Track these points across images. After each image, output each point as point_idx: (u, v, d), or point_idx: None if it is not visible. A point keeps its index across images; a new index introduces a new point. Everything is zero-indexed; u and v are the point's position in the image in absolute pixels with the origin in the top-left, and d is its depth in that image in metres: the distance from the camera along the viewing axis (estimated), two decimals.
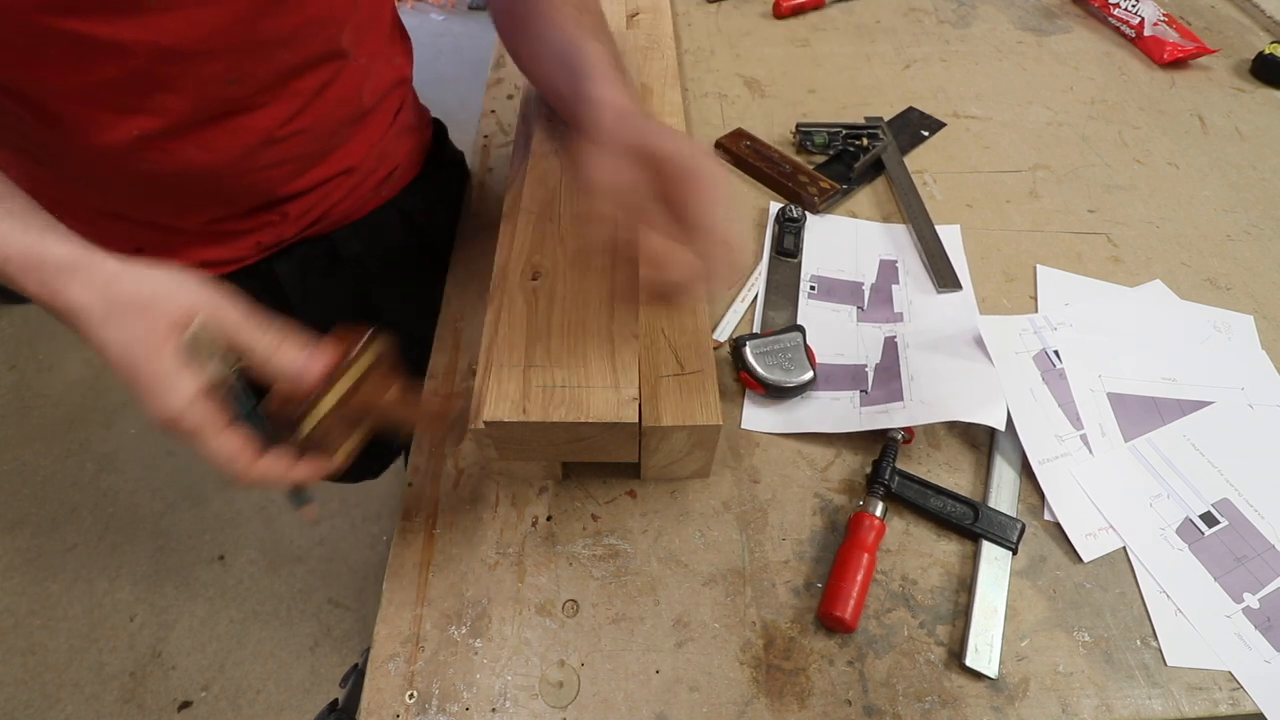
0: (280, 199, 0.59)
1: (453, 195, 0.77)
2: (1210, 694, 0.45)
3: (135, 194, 0.54)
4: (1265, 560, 0.50)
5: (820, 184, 0.73)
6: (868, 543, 0.48)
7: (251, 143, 0.53)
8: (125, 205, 0.56)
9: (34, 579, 1.38)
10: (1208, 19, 1.02)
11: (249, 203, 0.58)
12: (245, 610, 1.36)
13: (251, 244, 0.61)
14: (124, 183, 0.53)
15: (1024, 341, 0.61)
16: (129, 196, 0.55)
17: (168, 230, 0.57)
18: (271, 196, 0.58)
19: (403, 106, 0.68)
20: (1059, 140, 0.82)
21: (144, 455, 1.57)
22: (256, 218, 0.59)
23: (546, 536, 0.51)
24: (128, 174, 0.51)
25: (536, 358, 0.46)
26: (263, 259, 0.63)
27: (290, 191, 0.59)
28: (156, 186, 0.53)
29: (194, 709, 1.24)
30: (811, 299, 0.65)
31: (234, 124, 0.51)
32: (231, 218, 0.58)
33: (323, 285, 0.68)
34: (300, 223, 0.62)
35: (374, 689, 0.44)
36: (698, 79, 0.89)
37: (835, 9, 1.02)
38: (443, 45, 2.65)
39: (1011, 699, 0.44)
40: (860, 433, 0.55)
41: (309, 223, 0.63)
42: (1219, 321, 0.64)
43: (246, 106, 0.51)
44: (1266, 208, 0.75)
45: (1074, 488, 0.53)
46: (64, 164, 0.52)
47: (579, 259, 0.53)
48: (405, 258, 0.73)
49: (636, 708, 0.44)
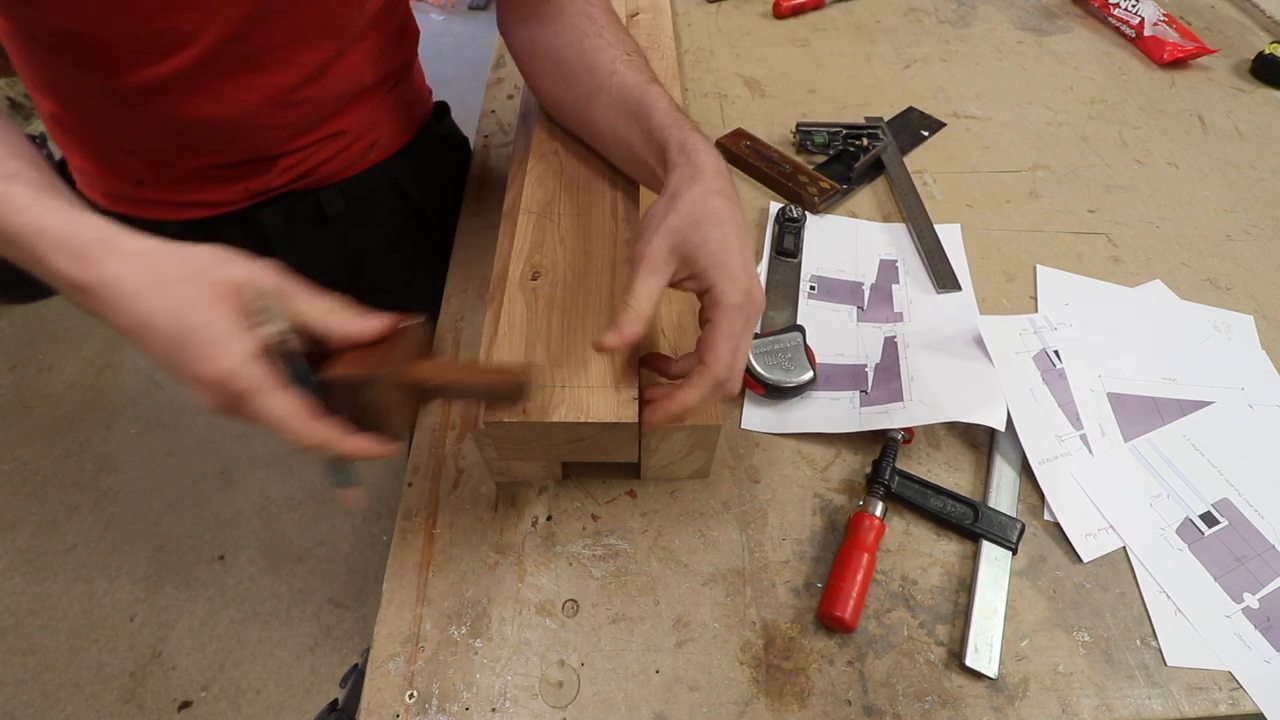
0: (273, 155, 0.63)
1: (450, 172, 0.79)
2: (1210, 694, 0.45)
3: (147, 134, 0.59)
4: (1265, 560, 0.50)
5: (820, 184, 0.73)
6: (868, 543, 0.48)
7: (256, 101, 0.56)
8: (136, 143, 0.60)
9: (34, 579, 1.38)
10: (1208, 19, 1.02)
11: (245, 155, 0.62)
12: (245, 610, 1.36)
13: (240, 190, 0.64)
14: (138, 124, 0.57)
15: (1024, 341, 0.61)
16: (141, 136, 0.59)
17: (168, 169, 0.62)
18: (266, 153, 0.63)
19: (400, 82, 0.72)
20: (1059, 140, 0.82)
21: (144, 455, 1.57)
22: (248, 167, 0.63)
23: (546, 536, 0.51)
24: (143, 116, 0.56)
25: (537, 358, 0.46)
26: (249, 206, 0.66)
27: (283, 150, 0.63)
28: (166, 130, 0.57)
29: (194, 709, 1.24)
30: (811, 299, 0.65)
31: (244, 81, 0.54)
32: (227, 165, 0.62)
33: (308, 239, 0.70)
34: (287, 175, 0.65)
35: (374, 689, 0.44)
36: (698, 79, 0.89)
37: (835, 9, 1.02)
38: (443, 45, 2.65)
39: (1011, 699, 0.44)
40: (860, 433, 0.55)
41: (295, 176, 0.66)
42: (1219, 321, 0.64)
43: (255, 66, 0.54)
44: (1266, 208, 0.75)
45: (1074, 488, 0.53)
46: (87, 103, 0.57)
47: (579, 259, 0.53)
48: (392, 223, 0.76)
49: (636, 708, 0.44)
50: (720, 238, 0.41)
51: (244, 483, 1.53)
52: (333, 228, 0.71)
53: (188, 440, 1.59)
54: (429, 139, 0.78)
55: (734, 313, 0.40)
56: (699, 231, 0.42)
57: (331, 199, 0.69)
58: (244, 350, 0.35)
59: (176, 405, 1.65)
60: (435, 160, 0.78)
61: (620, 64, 0.55)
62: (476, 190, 0.75)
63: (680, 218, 0.42)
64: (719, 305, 0.41)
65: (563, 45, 0.59)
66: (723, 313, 0.41)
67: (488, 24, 2.78)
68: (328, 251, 0.72)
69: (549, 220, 0.56)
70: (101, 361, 1.73)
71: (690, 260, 0.42)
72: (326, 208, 0.70)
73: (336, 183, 0.69)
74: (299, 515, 1.48)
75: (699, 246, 0.41)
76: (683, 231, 0.42)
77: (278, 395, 0.36)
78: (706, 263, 0.41)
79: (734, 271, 0.41)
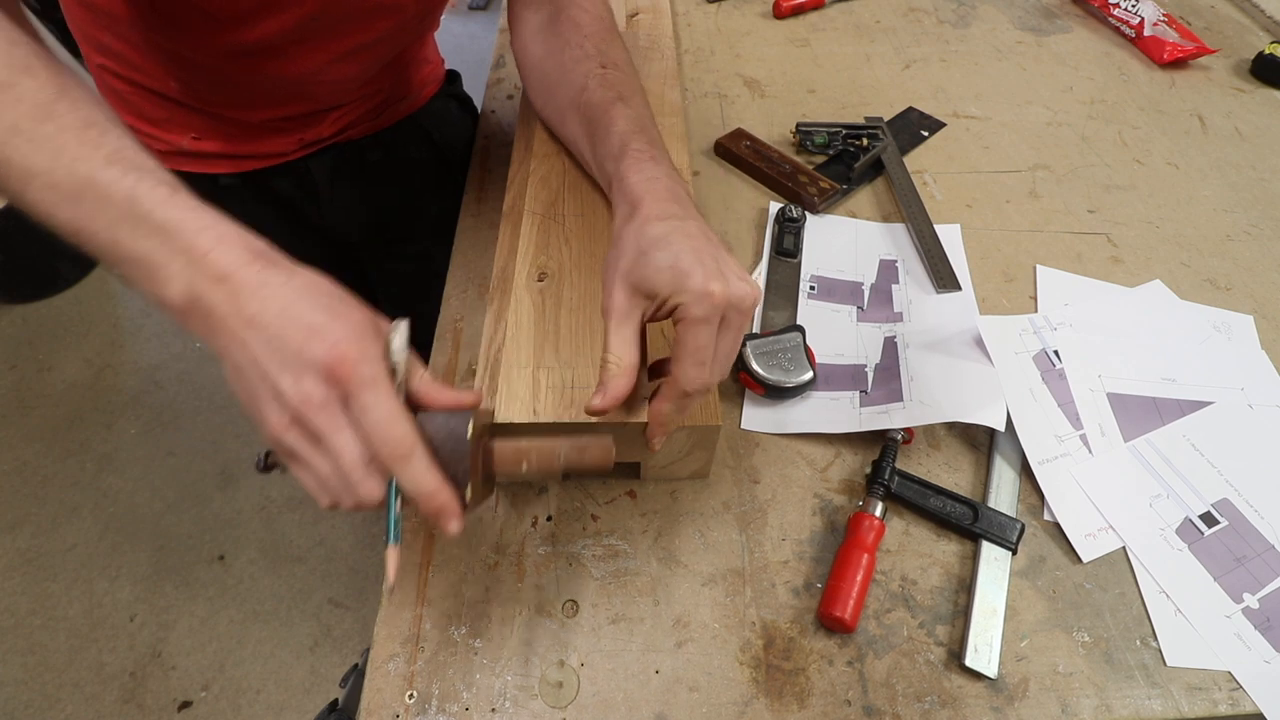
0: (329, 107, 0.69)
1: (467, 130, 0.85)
2: (1210, 694, 0.45)
3: (218, 91, 0.62)
4: (1265, 560, 0.50)
5: (820, 184, 0.73)
6: (867, 543, 0.48)
7: (327, 59, 0.59)
8: (203, 99, 0.63)
9: (34, 579, 1.38)
10: (1208, 19, 1.02)
11: (308, 107, 0.67)
12: (245, 610, 1.36)
13: (295, 140, 0.69)
14: (219, 81, 0.61)
15: (1024, 341, 0.61)
16: (211, 92, 0.62)
17: (231, 122, 0.65)
18: (324, 105, 0.68)
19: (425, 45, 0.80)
20: (1059, 140, 0.82)
21: (144, 455, 1.57)
22: (305, 119, 0.68)
23: (546, 536, 0.51)
24: (230, 74, 0.59)
25: (546, 359, 0.46)
26: (301, 157, 0.71)
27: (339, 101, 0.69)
28: (240, 88, 0.62)
29: (194, 709, 1.24)
30: (811, 299, 0.65)
31: (323, 45, 0.58)
32: (288, 119, 0.67)
33: (350, 190, 0.76)
34: (335, 125, 0.70)
35: (374, 689, 0.44)
36: (697, 79, 0.89)
37: (835, 9, 1.02)
38: (443, 45, 2.63)
39: (1011, 699, 0.44)
40: (860, 433, 0.55)
41: (341, 127, 0.71)
42: (1219, 321, 0.64)
43: (338, 33, 0.57)
44: (1266, 208, 0.75)
45: (1073, 488, 0.53)
46: (155, 62, 0.60)
47: (585, 259, 0.53)
48: (421, 175, 0.82)
49: (636, 708, 0.44)
50: (669, 259, 0.40)
51: (244, 483, 1.53)
52: (370, 178, 0.77)
53: (188, 440, 1.59)
54: (448, 95, 0.84)
55: (697, 326, 0.39)
56: (647, 263, 0.41)
57: (371, 149, 0.75)
58: (374, 350, 0.34)
59: (177, 405, 1.65)
60: (454, 120, 0.85)
61: (592, 79, 0.55)
62: (476, 190, 0.75)
63: (627, 260, 0.42)
64: (681, 322, 0.40)
65: (545, 53, 0.60)
66: (685, 328, 0.40)
67: (488, 24, 2.77)
68: (365, 201, 0.78)
69: (553, 221, 0.56)
70: (101, 361, 1.73)
71: (651, 293, 0.41)
72: (368, 155, 0.75)
73: (374, 133, 0.75)
74: (299, 515, 1.48)
75: (651, 278, 0.40)
76: (634, 271, 0.41)
77: (392, 393, 0.34)
78: (665, 288, 0.40)
79: (692, 284, 0.39)
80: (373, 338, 0.35)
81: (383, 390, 0.33)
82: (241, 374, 0.34)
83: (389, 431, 0.33)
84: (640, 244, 0.42)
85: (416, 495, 0.34)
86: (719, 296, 0.39)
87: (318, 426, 0.33)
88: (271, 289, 0.34)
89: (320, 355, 0.33)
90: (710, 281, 0.39)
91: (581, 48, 0.57)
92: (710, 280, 0.39)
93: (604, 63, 0.56)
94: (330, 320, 0.34)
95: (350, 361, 0.33)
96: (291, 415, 0.34)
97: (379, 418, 0.33)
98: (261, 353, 0.33)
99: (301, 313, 0.34)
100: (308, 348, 0.33)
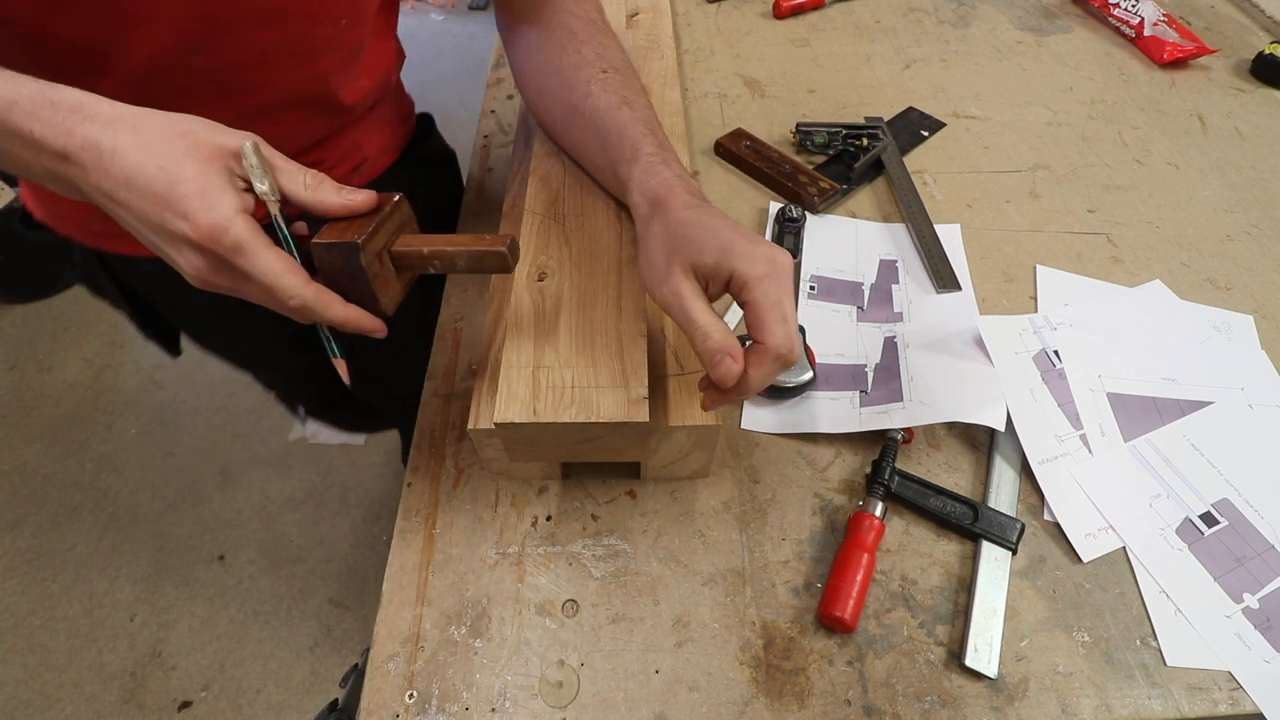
0: None
1: (438, 191, 0.77)
2: (1210, 694, 0.45)
3: None
4: (1265, 560, 0.50)
5: (820, 184, 0.73)
6: (867, 543, 0.48)
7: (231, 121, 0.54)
8: None
9: (34, 579, 1.38)
10: (1208, 19, 1.02)
11: None
12: (245, 610, 1.36)
13: None
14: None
15: (1024, 341, 0.61)
16: None
17: None
18: None
19: (380, 101, 0.68)
20: (1059, 140, 0.82)
21: (144, 455, 1.57)
22: None
23: (546, 536, 0.51)
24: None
25: (545, 358, 0.46)
26: None
27: None
28: None
29: (194, 709, 1.24)
30: (811, 299, 0.65)
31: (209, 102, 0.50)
32: None
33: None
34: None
35: (374, 689, 0.44)
36: (697, 79, 0.89)
37: (835, 9, 1.02)
38: (443, 45, 2.65)
39: (1011, 699, 0.44)
40: (860, 433, 0.55)
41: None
42: (1219, 321, 0.64)
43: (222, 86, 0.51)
44: (1266, 208, 0.75)
45: (1073, 488, 0.53)
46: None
47: (585, 260, 0.53)
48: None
49: (636, 708, 0.44)
50: (709, 233, 0.42)
51: (244, 483, 1.53)
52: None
53: (188, 440, 1.59)
54: (415, 158, 0.75)
55: (765, 283, 0.40)
56: (689, 243, 0.42)
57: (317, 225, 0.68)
58: (235, 204, 0.35)
59: (176, 405, 1.65)
60: (424, 181, 0.75)
61: (595, 84, 0.55)
62: (476, 190, 0.75)
63: (668, 247, 0.43)
64: (747, 283, 0.40)
65: (542, 62, 0.59)
66: (754, 286, 0.40)
67: (488, 24, 2.78)
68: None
69: (553, 221, 0.56)
70: (101, 361, 1.73)
71: (700, 268, 0.42)
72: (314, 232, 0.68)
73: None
74: (299, 515, 1.48)
75: (696, 254, 0.41)
76: (678, 254, 0.42)
77: (270, 251, 0.36)
78: (712, 258, 0.41)
79: (742, 248, 0.40)
80: (222, 184, 0.35)
81: (252, 252, 0.35)
82: (139, 235, 0.37)
83: (275, 286, 0.36)
84: (675, 230, 0.43)
85: (330, 328, 0.37)
86: (780, 257, 0.41)
87: (224, 284, 0.37)
88: (107, 159, 0.34)
89: (183, 233, 0.34)
90: (754, 244, 0.41)
91: (579, 53, 0.57)
92: (754, 243, 0.41)
93: (603, 67, 0.56)
94: (174, 185, 0.34)
95: (210, 236, 0.34)
96: (198, 280, 0.37)
97: (260, 279, 0.36)
98: (135, 224, 0.36)
99: (154, 179, 0.34)
100: (175, 224, 0.34)
